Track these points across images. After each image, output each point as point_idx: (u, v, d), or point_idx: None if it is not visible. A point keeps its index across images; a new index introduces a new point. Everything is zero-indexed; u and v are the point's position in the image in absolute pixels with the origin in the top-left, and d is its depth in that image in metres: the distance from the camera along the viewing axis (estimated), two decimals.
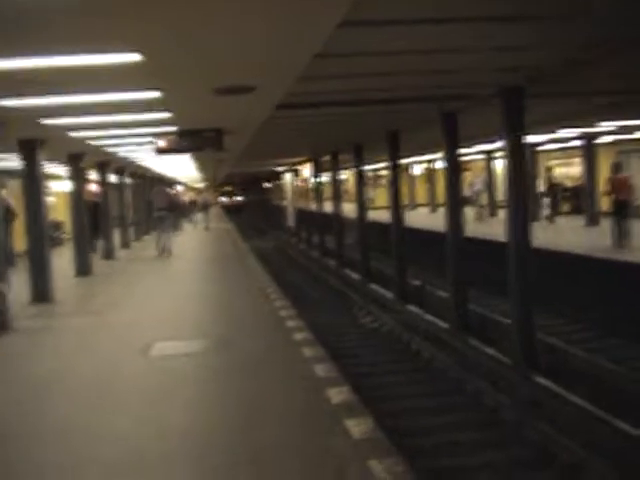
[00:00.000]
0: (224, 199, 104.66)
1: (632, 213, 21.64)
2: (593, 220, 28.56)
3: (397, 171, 24.05)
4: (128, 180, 33.78)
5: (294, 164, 44.44)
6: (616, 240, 20.58)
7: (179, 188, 60.45)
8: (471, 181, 34.49)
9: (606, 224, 25.26)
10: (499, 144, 17.23)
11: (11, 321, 13.14)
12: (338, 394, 8.09)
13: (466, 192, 33.17)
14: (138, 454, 6.68)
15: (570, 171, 37.01)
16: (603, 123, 24.01)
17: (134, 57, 7.67)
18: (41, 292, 16.18)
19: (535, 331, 14.69)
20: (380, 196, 55.65)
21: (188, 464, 6.41)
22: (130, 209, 33.84)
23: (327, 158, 34.23)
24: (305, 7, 6.48)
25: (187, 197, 57.98)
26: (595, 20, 9.37)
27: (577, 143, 30.56)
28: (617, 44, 10.71)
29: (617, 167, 21.86)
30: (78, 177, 21.84)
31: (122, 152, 21.70)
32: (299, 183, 47.02)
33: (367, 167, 41.62)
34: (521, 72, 12.88)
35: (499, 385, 13.15)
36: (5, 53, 7.31)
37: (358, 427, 6.95)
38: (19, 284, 16.14)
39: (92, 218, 24.81)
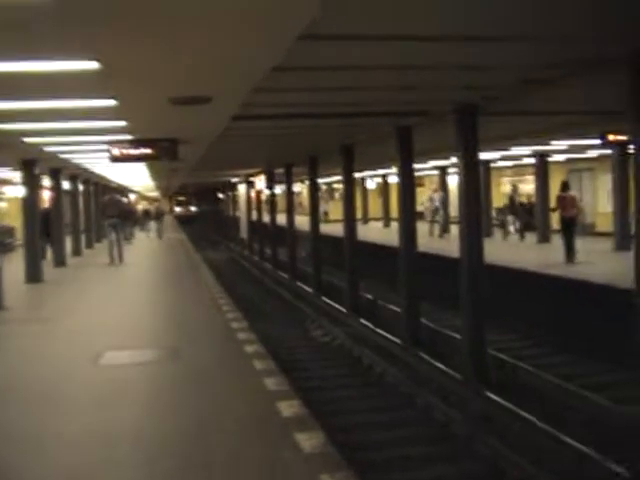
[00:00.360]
0: (178, 209, 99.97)
1: (579, 230, 22.58)
2: (545, 237, 28.85)
3: (351, 184, 24.14)
4: (81, 187, 33.49)
5: (249, 175, 44.35)
6: (564, 256, 21.16)
7: (132, 197, 60.11)
8: (430, 196, 34.45)
9: (557, 241, 25.59)
10: (453, 160, 17.40)
11: None
12: (289, 407, 8.08)
13: (425, 206, 33.49)
14: (86, 460, 6.63)
15: (523, 188, 37.36)
16: (555, 142, 24.30)
17: (91, 65, 7.62)
18: None
19: (486, 346, 14.79)
20: (334, 210, 55.79)
21: (136, 469, 6.37)
22: (82, 216, 33.52)
23: (281, 170, 34.21)
24: (265, 20, 6.47)
25: (141, 206, 57.51)
26: (549, 42, 9.50)
27: (530, 160, 30.88)
28: (570, 65, 10.85)
29: (565, 186, 22.61)
30: (31, 183, 21.63)
31: (76, 159, 21.53)
32: (253, 194, 46.89)
33: (321, 180, 41.72)
34: (477, 90, 13.01)
35: (450, 400, 13.20)
36: None
37: (309, 441, 6.94)
38: None
39: (43, 225, 24.54)
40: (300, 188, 64.39)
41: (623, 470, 9.56)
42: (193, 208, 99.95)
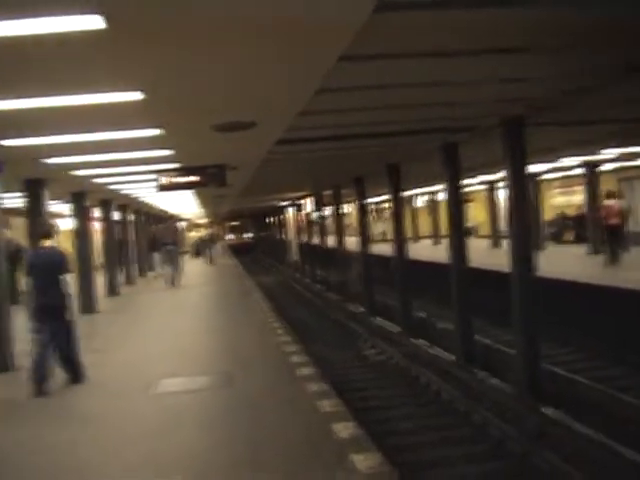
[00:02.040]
0: (231, 236, 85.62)
1: (631, 239, 23.51)
2: (597, 249, 28.51)
3: (399, 203, 24.11)
4: (131, 217, 33.86)
5: (296, 198, 44.49)
6: (608, 262, 21.76)
7: (182, 224, 60.52)
8: None
9: None
10: (501, 174, 17.32)
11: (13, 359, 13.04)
12: (344, 429, 8.06)
13: None
14: None
15: (572, 199, 37.06)
16: (604, 151, 24.05)
17: (136, 95, 7.73)
18: None
19: (539, 361, 14.63)
20: (377, 229, 55.79)
21: None
22: (134, 246, 33.80)
23: (329, 192, 34.26)
24: (305, 44, 6.52)
25: (196, 233, 57.56)
26: (593, 50, 9.42)
27: (579, 171, 30.61)
28: (616, 72, 10.76)
29: (609, 194, 23.37)
30: (81, 215, 21.89)
31: (125, 189, 21.76)
32: (302, 217, 47.04)
33: (371, 200, 41.70)
34: (522, 102, 12.93)
35: (505, 416, 13.08)
36: (9, 94, 7.37)
37: (365, 462, 6.92)
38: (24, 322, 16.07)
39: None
40: (349, 209, 64.49)
41: None
42: (248, 235, 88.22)
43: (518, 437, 11.81)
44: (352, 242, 33.19)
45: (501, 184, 34.84)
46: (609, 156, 26.21)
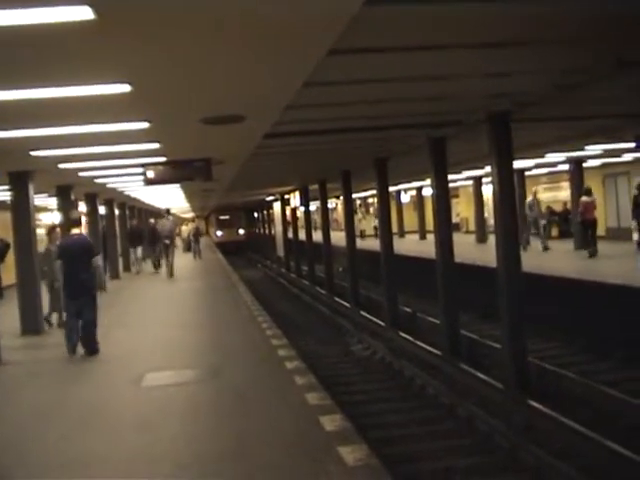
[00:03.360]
0: (220, 233, 73.67)
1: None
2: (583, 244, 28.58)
3: (385, 198, 24.13)
4: (116, 211, 33.81)
5: (283, 193, 44.44)
6: (587, 256, 23.95)
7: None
8: (529, 203, 29.96)
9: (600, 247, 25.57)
10: (488, 169, 17.36)
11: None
12: (331, 422, 8.07)
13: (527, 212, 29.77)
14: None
15: (558, 195, 37.16)
16: (590, 147, 24.14)
17: (124, 88, 7.70)
18: (32, 323, 16.12)
19: (526, 355, 14.68)
20: (369, 225, 55.80)
21: None
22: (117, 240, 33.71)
23: (315, 186, 34.25)
24: (293, 37, 6.52)
25: (185, 227, 56.74)
26: (581, 45, 9.45)
27: (564, 167, 30.69)
28: (603, 69, 10.78)
29: (587, 191, 25.40)
30: (67, 209, 21.81)
31: (111, 183, 21.71)
32: (288, 212, 46.94)
33: (356, 195, 41.71)
34: (509, 97, 12.95)
35: (491, 409, 13.11)
36: None
37: (352, 454, 6.93)
38: (9, 316, 16.07)
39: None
40: (335, 204, 64.45)
41: None
42: (242, 231, 75.40)
43: (505, 431, 11.84)
44: (339, 237, 33.24)
45: (487, 180, 34.96)
46: (594, 152, 26.28)
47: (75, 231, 13.85)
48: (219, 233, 73.56)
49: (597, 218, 25.40)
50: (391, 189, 32.57)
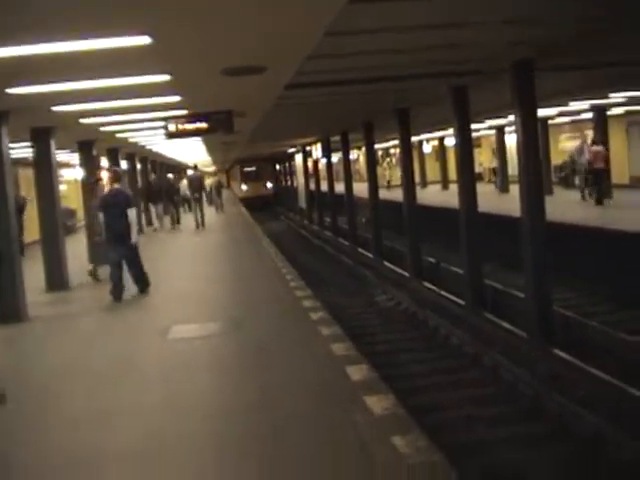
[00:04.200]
0: (245, 187, 65.49)
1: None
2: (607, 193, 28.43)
3: (408, 149, 24.03)
4: (138, 165, 33.85)
5: (305, 145, 44.30)
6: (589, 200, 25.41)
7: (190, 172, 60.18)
8: (578, 148, 29.00)
9: (620, 196, 25.50)
10: (511, 118, 17.23)
11: (25, 309, 13.23)
12: (358, 371, 8.10)
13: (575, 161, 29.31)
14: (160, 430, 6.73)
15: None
16: (613, 94, 23.90)
17: (144, 40, 7.65)
18: (57, 279, 16.22)
19: (550, 304, 14.66)
20: (393, 175, 55.55)
21: (207, 439, 6.45)
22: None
23: (337, 138, 34.13)
24: None
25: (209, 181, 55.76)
26: None
27: (588, 115, 30.41)
28: (625, 15, 10.64)
29: (595, 141, 26.04)
30: (89, 164, 21.82)
31: (133, 137, 21.70)
32: (310, 164, 46.80)
33: (377, 146, 41.53)
34: (531, 45, 12.81)
35: (515, 358, 13.15)
36: (15, 40, 7.29)
37: (379, 403, 6.96)
38: (33, 274, 16.17)
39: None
40: (357, 155, 64.14)
41: None
42: (270, 185, 67.87)
43: (530, 380, 11.88)
44: (361, 189, 33.16)
45: (510, 129, 34.72)
46: (618, 100, 26.03)
47: (115, 185, 14.74)
48: (244, 187, 65.42)
49: (608, 167, 26.12)
50: (413, 139, 32.45)
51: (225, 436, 6.63)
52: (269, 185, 66.95)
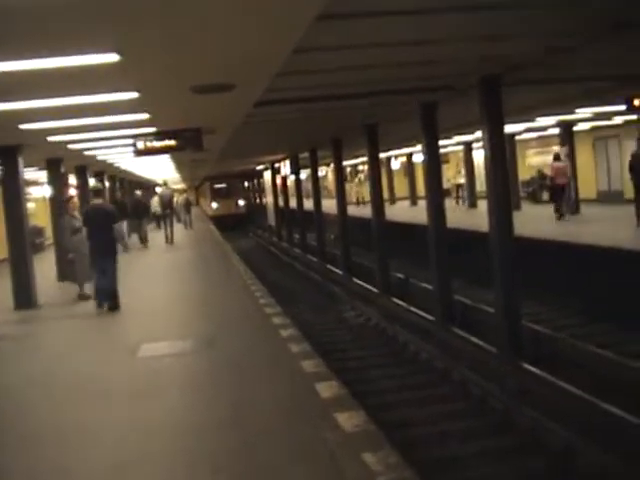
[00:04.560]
0: (215, 205, 62.36)
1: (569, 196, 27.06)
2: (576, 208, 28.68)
3: (376, 165, 24.09)
4: (107, 183, 33.70)
5: (273, 162, 44.32)
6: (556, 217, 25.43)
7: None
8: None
9: (587, 211, 25.74)
10: (478, 135, 17.31)
11: None
12: (328, 388, 8.10)
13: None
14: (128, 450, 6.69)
15: (548, 159, 37.16)
16: (580, 110, 24.11)
17: (112, 57, 7.63)
18: (25, 298, 16.10)
19: (520, 319, 14.72)
20: (363, 192, 55.62)
21: (176, 457, 6.43)
22: None
23: (306, 154, 34.17)
24: (283, 2, 6.47)
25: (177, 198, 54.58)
26: (572, 8, 9.40)
27: (555, 131, 30.65)
28: (594, 31, 10.74)
29: (556, 157, 26.55)
30: (57, 182, 21.70)
31: (101, 155, 21.61)
32: (279, 181, 46.74)
33: (346, 162, 41.59)
34: (499, 60, 12.89)
35: (484, 373, 13.18)
36: None
37: (350, 420, 6.96)
38: (2, 291, 16.06)
39: None
40: (325, 172, 64.19)
41: None
42: (242, 202, 64.12)
43: (499, 394, 11.91)
44: (331, 205, 33.19)
45: (477, 145, 34.93)
46: (584, 115, 26.26)
47: (97, 201, 15.47)
48: (214, 205, 62.17)
49: (568, 182, 26.61)
50: (382, 155, 32.50)
51: (197, 453, 6.60)
52: (241, 203, 63.67)
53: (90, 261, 15.16)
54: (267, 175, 52.04)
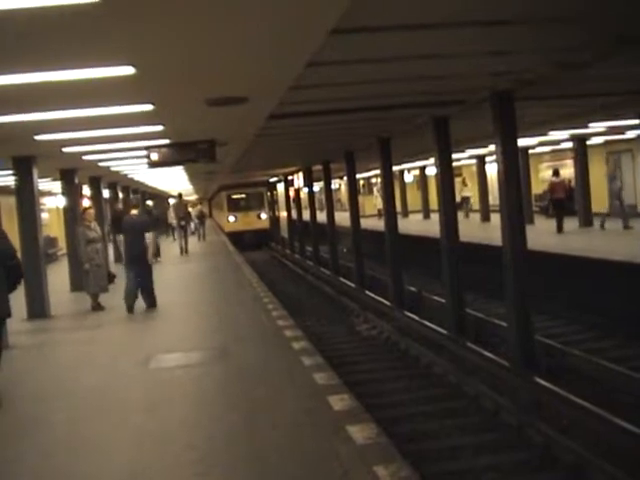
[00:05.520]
0: (232, 218, 52.92)
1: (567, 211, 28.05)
2: (587, 221, 28.66)
3: (389, 178, 24.10)
4: (120, 194, 33.83)
5: (286, 174, 44.36)
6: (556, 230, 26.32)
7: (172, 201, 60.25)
8: (612, 173, 29.38)
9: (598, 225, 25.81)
10: (491, 148, 17.32)
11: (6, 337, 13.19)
12: (339, 401, 8.11)
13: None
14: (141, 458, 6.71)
15: (562, 173, 37.14)
16: (593, 124, 24.10)
17: (127, 70, 7.70)
18: (38, 308, 16.18)
19: (533, 333, 14.71)
20: (369, 204, 55.74)
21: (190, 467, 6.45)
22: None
23: (319, 167, 34.21)
24: (297, 16, 6.51)
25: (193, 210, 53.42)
26: (582, 23, 9.41)
27: (569, 145, 30.64)
28: (604, 46, 10.75)
29: (555, 172, 27.96)
30: (71, 192, 21.80)
31: (115, 166, 21.71)
32: (292, 193, 46.72)
33: (360, 175, 41.61)
34: (512, 76, 12.92)
35: (498, 388, 13.15)
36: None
37: (361, 433, 6.97)
38: (15, 300, 16.09)
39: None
40: (339, 185, 64.29)
41: None
42: (264, 216, 53.80)
43: (512, 408, 11.88)
44: (343, 218, 33.23)
45: (490, 158, 34.93)
46: (597, 129, 26.24)
47: (134, 212, 17.90)
48: (231, 218, 53.01)
49: (565, 197, 27.87)
50: (395, 169, 32.52)
51: (209, 464, 6.62)
52: (264, 216, 53.46)
53: (125, 267, 16.59)
54: (280, 187, 51.85)
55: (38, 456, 7.24)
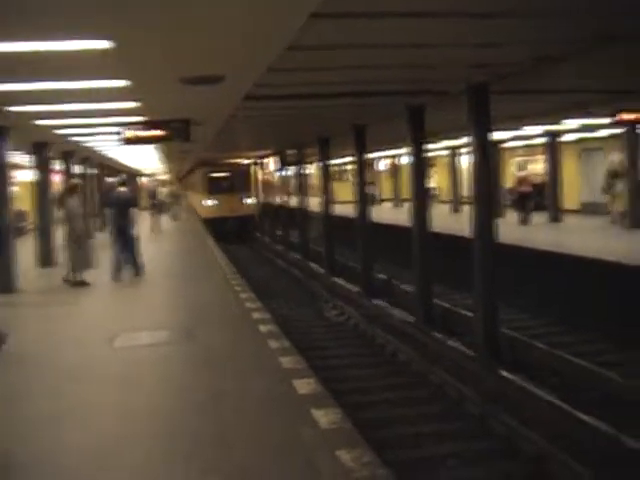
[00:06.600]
0: (210, 202, 44.30)
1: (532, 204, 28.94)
2: (556, 217, 28.83)
3: (363, 165, 24.10)
4: (90, 171, 33.55)
5: (260, 157, 44.16)
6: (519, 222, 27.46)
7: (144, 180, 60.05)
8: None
9: (570, 221, 25.92)
10: (464, 140, 17.36)
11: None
12: (305, 385, 8.11)
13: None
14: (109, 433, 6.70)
15: (535, 168, 37.27)
16: (567, 121, 24.21)
17: (104, 44, 7.63)
18: (5, 282, 16.03)
19: (498, 324, 14.81)
20: (342, 190, 55.69)
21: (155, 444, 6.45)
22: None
23: (293, 151, 34.15)
24: None
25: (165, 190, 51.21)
26: (561, 17, 9.43)
27: (541, 140, 30.77)
28: (582, 42, 10.78)
29: (520, 167, 30.74)
30: (42, 167, 21.60)
31: (88, 142, 21.55)
32: (265, 177, 46.60)
33: (333, 162, 41.60)
34: (488, 68, 12.93)
35: (462, 376, 13.22)
36: None
37: (325, 417, 6.97)
38: None
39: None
40: (312, 169, 64.16)
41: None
42: (250, 200, 45.78)
43: (475, 398, 11.95)
44: (315, 203, 33.22)
45: (463, 150, 35.01)
46: (571, 126, 26.36)
47: (122, 188, 18.75)
48: (209, 202, 44.65)
49: (533, 191, 29.09)
50: (369, 156, 32.51)
51: (175, 436, 6.63)
52: (248, 201, 45.54)
53: (112, 238, 17.89)
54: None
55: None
